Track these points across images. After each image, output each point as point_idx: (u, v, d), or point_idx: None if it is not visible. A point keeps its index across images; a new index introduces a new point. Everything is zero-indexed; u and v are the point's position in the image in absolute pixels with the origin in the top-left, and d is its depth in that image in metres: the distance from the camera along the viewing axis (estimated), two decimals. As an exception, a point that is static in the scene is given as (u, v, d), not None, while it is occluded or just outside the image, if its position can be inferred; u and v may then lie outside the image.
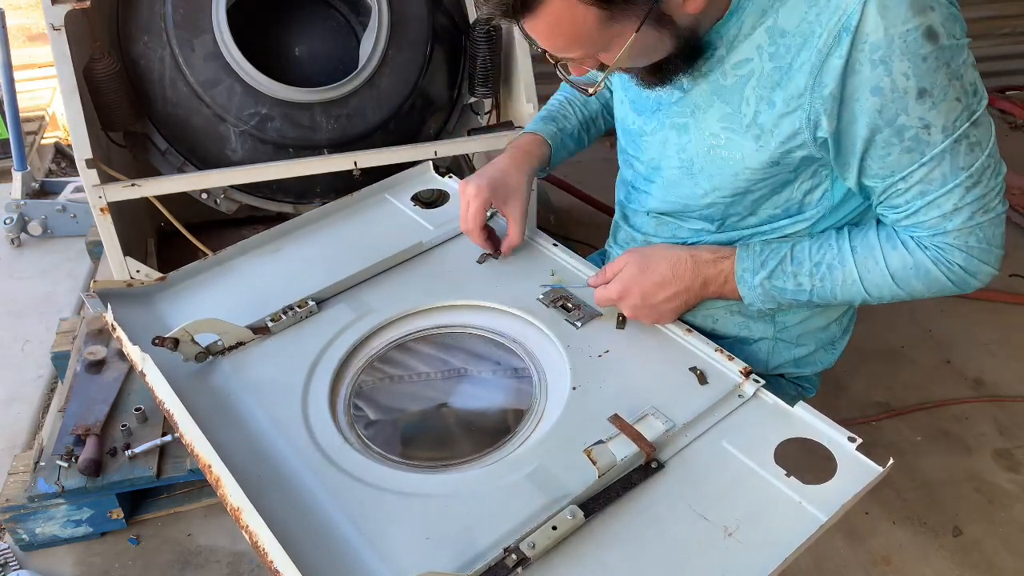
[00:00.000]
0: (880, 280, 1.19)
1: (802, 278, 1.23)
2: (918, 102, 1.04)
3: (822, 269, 1.22)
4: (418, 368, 1.35)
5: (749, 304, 1.29)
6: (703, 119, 1.20)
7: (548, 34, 1.07)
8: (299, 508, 1.06)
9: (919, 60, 1.01)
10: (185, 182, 2.21)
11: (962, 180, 1.08)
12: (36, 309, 2.92)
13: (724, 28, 1.13)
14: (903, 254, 1.17)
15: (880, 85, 1.03)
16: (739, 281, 1.27)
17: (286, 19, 2.50)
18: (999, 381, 2.70)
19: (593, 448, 1.06)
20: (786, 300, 1.26)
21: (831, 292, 1.23)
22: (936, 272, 1.16)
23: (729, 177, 1.22)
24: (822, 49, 1.04)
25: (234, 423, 1.19)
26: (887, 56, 1.01)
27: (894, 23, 1.00)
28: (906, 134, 1.06)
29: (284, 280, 1.45)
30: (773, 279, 1.24)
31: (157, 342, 1.24)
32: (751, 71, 1.13)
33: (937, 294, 1.20)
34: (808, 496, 1.03)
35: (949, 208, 1.10)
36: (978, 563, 2.11)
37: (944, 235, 1.13)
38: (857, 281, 1.21)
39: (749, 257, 1.26)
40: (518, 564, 0.95)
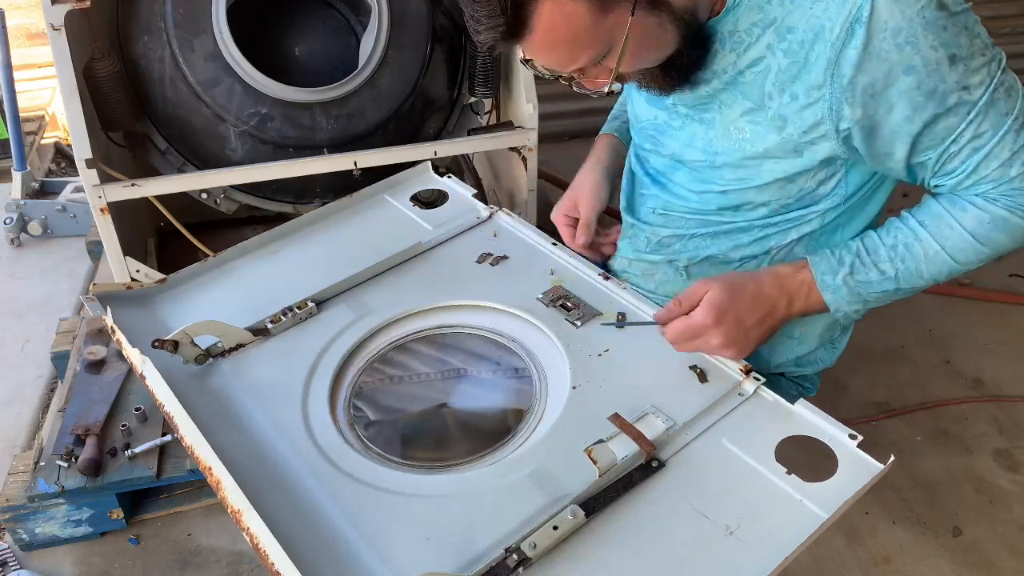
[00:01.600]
0: (962, 243, 1.19)
1: (883, 264, 1.22)
2: (952, 69, 1.06)
3: (900, 250, 1.22)
4: (418, 369, 1.34)
5: (835, 311, 1.26)
6: (728, 114, 1.22)
7: (548, 45, 1.07)
8: (300, 509, 1.05)
9: (941, 31, 1.04)
10: (185, 182, 2.21)
11: (1010, 124, 1.10)
12: (36, 309, 2.92)
13: (720, 24, 1.16)
14: (976, 212, 1.17)
15: (912, 64, 1.05)
16: (821, 286, 1.24)
17: (286, 19, 2.51)
18: (999, 381, 2.70)
19: (593, 447, 1.06)
20: (873, 294, 1.24)
21: (916, 271, 1.22)
22: (1015, 219, 1.16)
23: (753, 169, 1.23)
24: (835, 43, 1.06)
25: (234, 425, 1.19)
26: (911, 36, 1.04)
27: (907, 4, 1.03)
28: (948, 100, 1.08)
29: (283, 281, 1.45)
30: (855, 274, 1.23)
31: (157, 345, 1.23)
32: (767, 67, 1.14)
33: (1020, 240, 1.20)
34: (809, 494, 1.03)
35: (1007, 155, 1.12)
36: (978, 563, 2.11)
37: (1010, 182, 1.14)
38: (940, 251, 1.20)
39: (823, 261, 1.25)
40: (519, 564, 0.94)
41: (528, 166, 2.44)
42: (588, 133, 4.07)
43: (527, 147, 2.41)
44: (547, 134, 3.15)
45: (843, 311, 1.26)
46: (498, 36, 1.06)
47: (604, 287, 1.41)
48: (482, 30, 1.06)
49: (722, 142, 1.24)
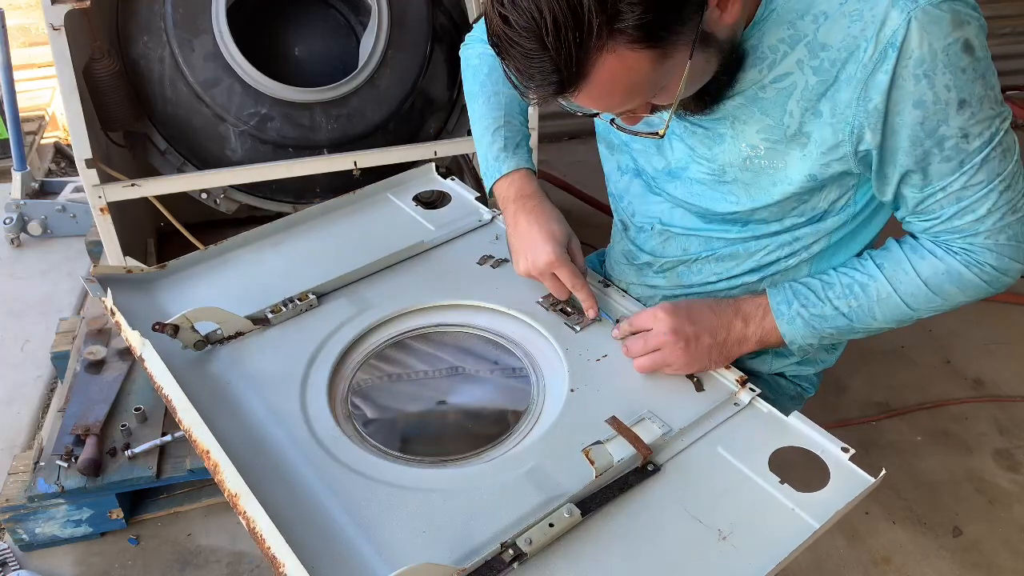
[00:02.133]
0: (915, 289, 1.19)
1: (837, 301, 1.22)
2: (958, 113, 1.05)
3: (855, 289, 1.22)
4: (416, 366, 1.35)
5: (791, 342, 1.25)
6: (742, 130, 1.19)
7: (604, 95, 1.02)
8: (296, 497, 1.05)
9: (959, 72, 1.03)
10: (185, 182, 2.21)
11: (996, 184, 1.10)
12: (36, 309, 2.93)
13: (748, 35, 1.12)
14: (933, 261, 1.18)
15: (923, 99, 1.04)
16: (776, 314, 1.24)
17: (286, 19, 2.51)
18: (999, 381, 2.70)
19: (591, 448, 1.06)
20: (827, 329, 1.24)
21: (869, 311, 1.21)
22: (969, 274, 1.16)
23: (766, 186, 1.21)
24: (867, 64, 1.04)
25: (232, 412, 1.19)
26: (931, 70, 1.03)
27: (937, 37, 1.01)
28: (946, 144, 1.07)
29: (284, 273, 1.45)
30: (809, 307, 1.23)
31: (157, 328, 1.23)
32: (793, 84, 1.12)
33: (973, 298, 1.20)
34: (801, 503, 1.04)
35: (983, 212, 1.12)
36: (978, 563, 2.11)
37: (975, 236, 1.14)
38: (893, 294, 1.20)
39: (779, 292, 1.25)
40: (514, 559, 0.95)
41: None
42: (588, 133, 4.09)
43: (527, 147, 2.40)
44: (547, 134, 3.16)
45: (798, 343, 1.25)
46: (550, 92, 0.99)
47: (604, 294, 1.41)
48: (533, 87, 0.98)
49: (731, 156, 1.21)
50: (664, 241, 1.38)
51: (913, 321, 1.24)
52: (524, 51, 0.94)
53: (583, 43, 0.92)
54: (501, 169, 1.44)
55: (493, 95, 1.49)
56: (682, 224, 1.35)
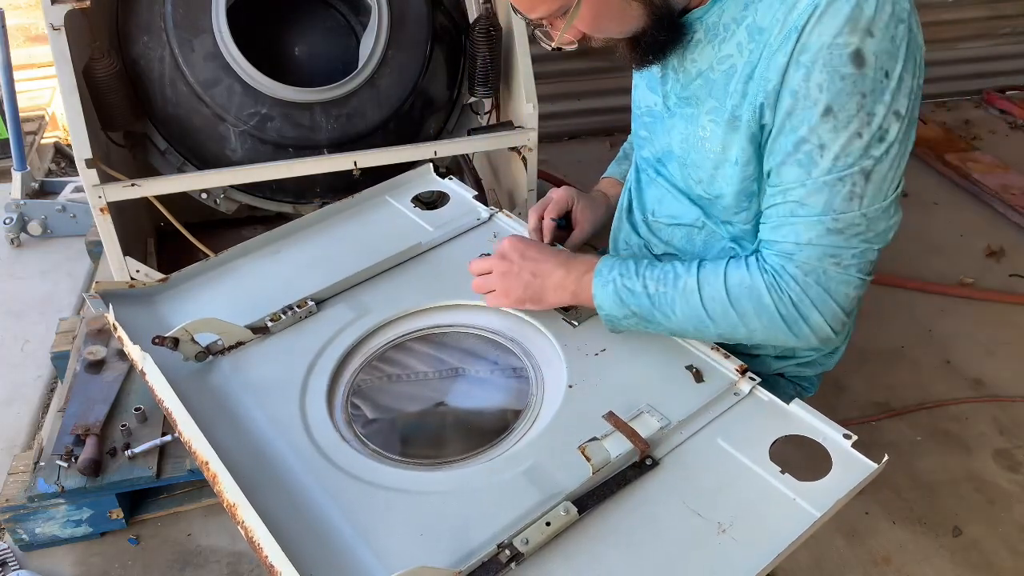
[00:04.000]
0: (716, 294, 1.17)
1: (649, 282, 1.21)
2: (822, 119, 1.04)
3: (669, 276, 1.20)
4: (416, 367, 1.35)
5: (599, 306, 1.25)
6: (699, 111, 1.21)
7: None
8: (295, 504, 1.06)
9: (837, 78, 1.01)
10: (185, 182, 2.22)
11: (826, 219, 1.08)
12: (36, 309, 2.93)
13: (706, 15, 1.15)
14: (743, 273, 1.16)
15: (796, 88, 1.04)
16: (596, 274, 1.25)
17: (286, 19, 2.51)
18: (999, 381, 2.70)
19: (587, 445, 1.06)
20: (632, 306, 1.22)
21: (671, 301, 1.19)
22: (767, 298, 1.14)
23: (710, 170, 1.22)
24: (772, 44, 1.05)
25: (233, 422, 1.20)
26: (811, 62, 1.02)
27: (827, 33, 1.00)
28: (802, 147, 1.06)
29: (284, 281, 1.46)
30: (625, 279, 1.22)
31: (157, 341, 1.24)
32: (733, 66, 1.14)
33: (770, 331, 1.16)
34: (802, 493, 1.03)
35: (803, 239, 1.10)
36: (978, 563, 2.11)
37: (788, 260, 1.12)
38: (695, 291, 1.17)
39: (614, 258, 1.27)
40: (512, 560, 0.95)
41: (528, 166, 2.44)
42: (588, 133, 4.12)
43: (527, 147, 2.41)
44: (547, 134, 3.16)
45: (605, 310, 1.24)
46: None
47: None
48: None
49: (692, 138, 1.24)
50: (652, 233, 1.42)
51: (711, 337, 1.22)
52: None
53: None
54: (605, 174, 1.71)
55: None
56: (668, 213, 1.38)
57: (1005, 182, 3.62)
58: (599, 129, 4.11)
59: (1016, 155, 3.86)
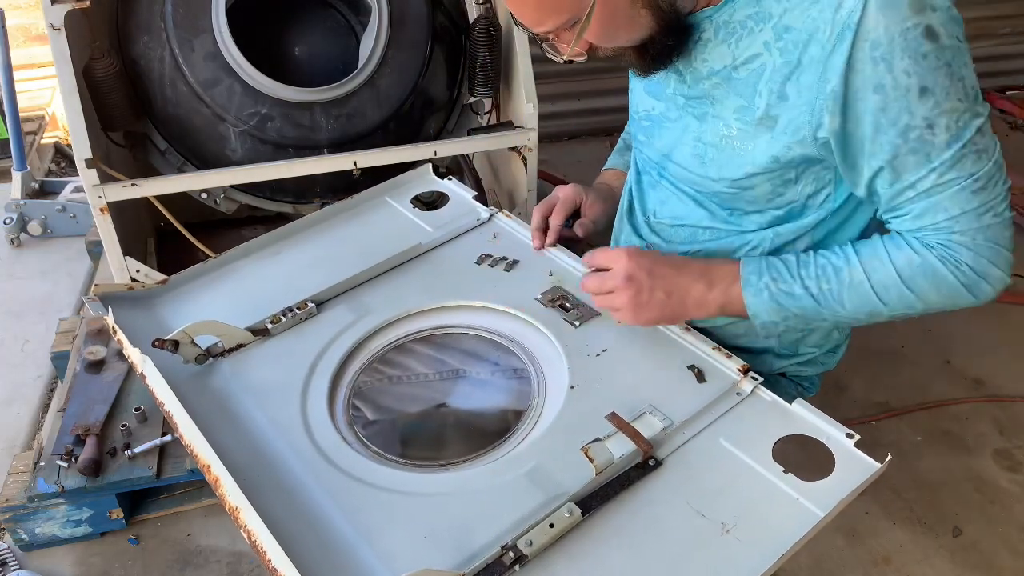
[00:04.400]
0: (888, 280, 1.15)
1: (808, 281, 1.19)
2: (920, 100, 1.03)
3: (828, 271, 1.18)
4: (417, 369, 1.34)
5: (754, 315, 1.21)
6: (720, 110, 1.20)
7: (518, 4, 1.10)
8: (297, 507, 1.06)
9: (919, 58, 1.01)
10: (185, 182, 2.21)
11: (968, 184, 1.08)
12: (36, 309, 2.93)
13: (716, 14, 1.15)
14: (909, 253, 1.14)
15: (882, 83, 1.03)
16: (744, 283, 1.21)
17: (286, 19, 2.51)
18: (999, 381, 2.70)
19: (590, 446, 1.06)
20: (793, 308, 1.20)
21: (838, 296, 1.18)
22: (944, 271, 1.13)
23: (736, 168, 1.22)
24: (826, 46, 1.04)
25: (233, 424, 1.19)
26: (888, 54, 1.01)
27: (894, 20, 1.00)
28: (911, 135, 1.05)
29: (284, 282, 1.46)
30: (779, 282, 1.19)
31: (157, 344, 1.24)
32: (763, 65, 1.13)
33: (949, 299, 1.16)
34: (806, 492, 1.03)
35: (956, 212, 1.09)
36: (978, 563, 2.11)
37: (951, 234, 1.12)
38: (865, 281, 1.16)
39: (753, 262, 1.22)
40: (515, 562, 0.95)
41: (528, 166, 2.44)
42: (588, 133, 4.12)
43: (527, 147, 2.41)
44: (547, 134, 3.16)
45: (762, 319, 1.22)
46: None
47: None
48: None
49: (711, 136, 1.23)
50: (653, 234, 1.41)
51: (884, 319, 1.20)
52: None
53: None
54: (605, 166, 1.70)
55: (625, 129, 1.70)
56: (671, 215, 1.37)
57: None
58: (599, 129, 4.11)
59: (1016, 155, 3.84)
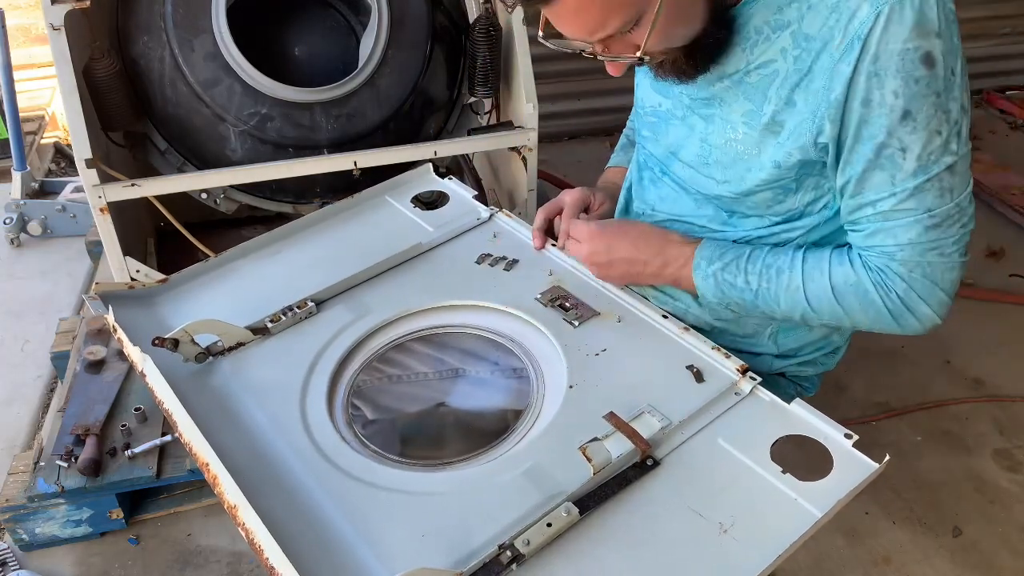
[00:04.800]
0: (821, 292, 1.20)
1: (751, 276, 1.25)
2: (901, 123, 1.05)
3: (771, 271, 1.24)
4: (416, 368, 1.35)
5: (701, 296, 1.30)
6: (728, 113, 1.21)
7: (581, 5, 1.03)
8: (296, 506, 1.06)
9: (912, 81, 1.02)
10: (185, 182, 2.21)
11: (923, 218, 1.10)
12: (36, 309, 2.93)
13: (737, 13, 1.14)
14: (847, 270, 1.18)
15: (870, 98, 1.05)
16: (695, 267, 1.28)
17: (286, 19, 2.51)
18: (999, 381, 2.70)
19: (588, 445, 1.06)
20: (734, 298, 1.27)
21: (775, 296, 1.24)
22: (874, 294, 1.17)
23: (741, 171, 1.22)
24: (834, 54, 1.05)
25: (233, 423, 1.19)
26: (883, 70, 1.03)
27: (896, 39, 1.01)
28: (883, 152, 1.07)
29: (284, 281, 1.46)
30: (725, 272, 1.26)
31: (157, 342, 1.24)
32: (775, 71, 1.13)
33: (875, 322, 1.20)
34: (804, 493, 1.03)
35: (904, 240, 1.12)
36: (978, 563, 2.11)
37: (891, 260, 1.14)
38: (800, 288, 1.21)
39: (710, 247, 1.28)
40: (513, 561, 0.95)
41: (528, 166, 2.44)
42: (588, 133, 4.12)
43: (527, 147, 2.41)
44: (547, 134, 3.16)
45: (707, 300, 1.31)
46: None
47: (602, 287, 1.41)
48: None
49: (717, 138, 1.24)
50: None
51: (816, 323, 1.27)
52: None
53: None
54: (609, 163, 1.72)
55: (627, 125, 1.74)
56: (670, 211, 1.38)
57: (1005, 182, 3.62)
58: (599, 129, 4.12)
59: (1016, 155, 3.85)
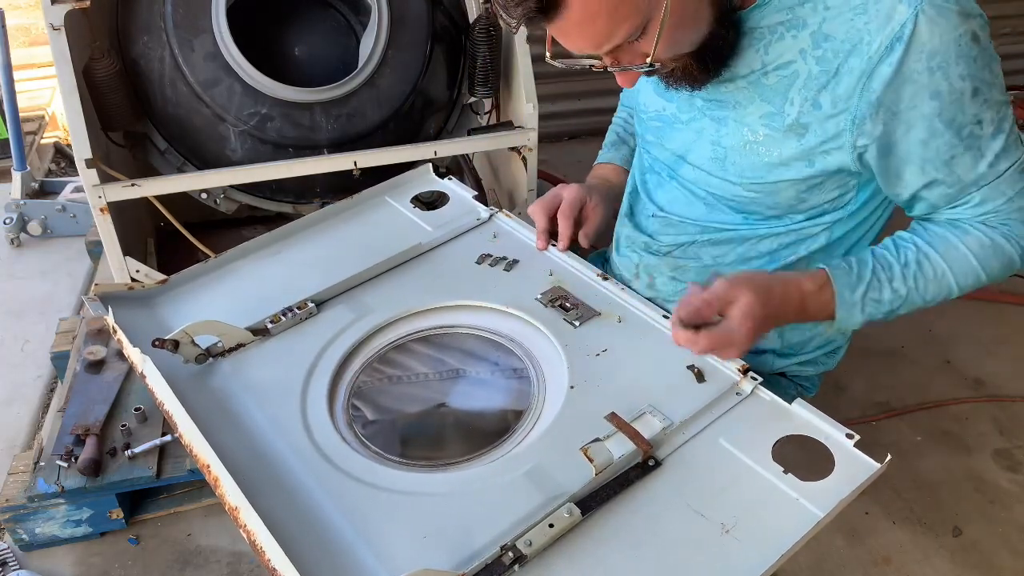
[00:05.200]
0: (966, 266, 1.20)
1: (897, 283, 1.21)
2: (973, 100, 1.08)
3: (912, 268, 1.21)
4: (417, 368, 1.34)
5: (839, 327, 1.26)
6: (743, 114, 1.20)
7: (586, 19, 1.01)
8: (297, 507, 1.06)
9: (971, 61, 1.06)
10: (185, 182, 2.21)
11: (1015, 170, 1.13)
12: (36, 309, 2.93)
13: (747, 18, 1.14)
14: (978, 236, 1.19)
15: (939, 89, 1.07)
16: (839, 303, 1.21)
17: (286, 19, 2.51)
18: (999, 381, 2.70)
19: (590, 446, 1.06)
20: (881, 313, 1.23)
21: (923, 291, 1.21)
22: (1008, 248, 1.18)
23: (762, 171, 1.22)
24: (873, 56, 1.07)
25: (233, 424, 1.19)
26: (944, 62, 1.05)
27: (947, 29, 1.04)
28: (963, 132, 1.10)
29: (284, 282, 1.46)
30: (870, 291, 1.21)
31: (157, 344, 1.24)
32: (795, 72, 1.13)
33: (1007, 271, 1.21)
34: (805, 493, 1.03)
35: (1011, 192, 1.15)
36: (978, 563, 2.11)
37: (1008, 214, 1.17)
38: (947, 272, 1.20)
39: (843, 275, 1.21)
40: (515, 562, 0.95)
41: (528, 166, 2.44)
42: (588, 133, 4.12)
43: (527, 147, 2.41)
44: (547, 134, 3.16)
45: (843, 326, 1.26)
46: (531, 10, 0.98)
47: (603, 288, 1.40)
48: (512, 6, 0.99)
49: (732, 140, 1.23)
50: (663, 226, 1.40)
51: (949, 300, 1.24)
52: None
53: None
54: (599, 159, 1.66)
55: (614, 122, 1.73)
56: (681, 213, 1.37)
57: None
58: (599, 129, 4.06)
59: (1016, 155, 3.85)
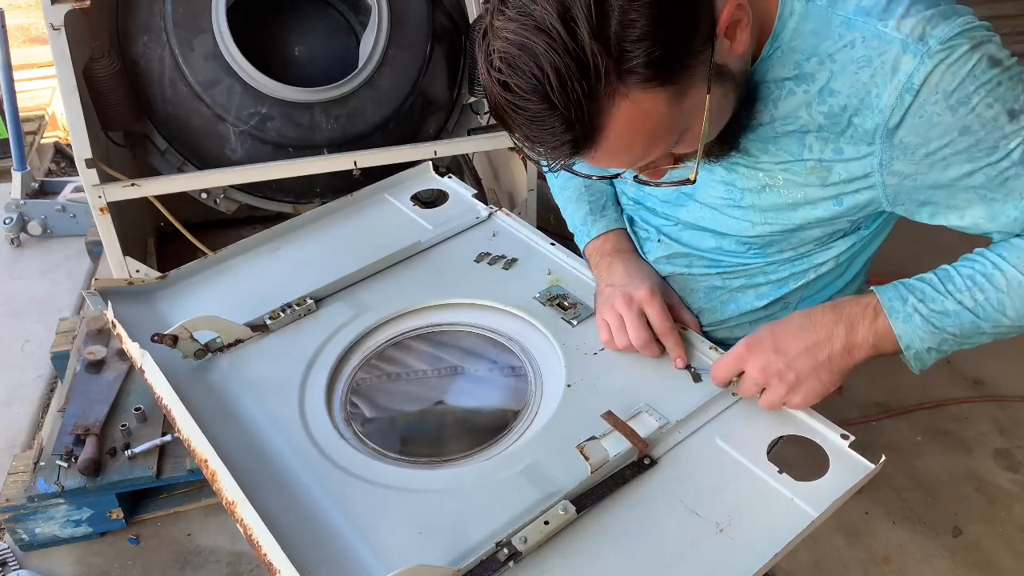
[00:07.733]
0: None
1: (960, 294, 1.08)
2: (1012, 123, 1.01)
3: (978, 279, 1.09)
4: (415, 366, 1.35)
5: (907, 345, 1.10)
6: (756, 162, 1.15)
7: (624, 147, 0.95)
8: (294, 502, 1.06)
9: (995, 87, 1.00)
10: (185, 182, 2.22)
11: None
12: (36, 309, 2.93)
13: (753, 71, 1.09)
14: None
15: (967, 124, 1.01)
16: (889, 312, 1.09)
17: (286, 19, 2.51)
18: (999, 381, 2.70)
19: (586, 444, 1.06)
20: (951, 328, 1.08)
21: (999, 303, 1.07)
22: None
23: (786, 212, 1.17)
24: (884, 110, 1.01)
25: (232, 419, 1.19)
26: (964, 97, 0.99)
27: (959, 66, 0.98)
28: (1015, 155, 1.02)
29: (283, 278, 1.46)
30: (928, 302, 1.09)
31: (156, 339, 1.24)
32: (805, 124, 1.09)
33: None
34: (800, 493, 1.03)
35: None
36: (978, 563, 2.11)
37: None
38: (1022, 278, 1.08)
39: (887, 289, 1.12)
40: (510, 558, 0.95)
41: (528, 166, 2.44)
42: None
43: (527, 147, 2.40)
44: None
45: (915, 347, 1.10)
46: (566, 153, 0.91)
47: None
48: (547, 150, 0.91)
49: (748, 184, 1.18)
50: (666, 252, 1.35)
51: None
52: (531, 114, 0.87)
53: (592, 92, 0.86)
54: (591, 232, 1.40)
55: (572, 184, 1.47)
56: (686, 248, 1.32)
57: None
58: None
59: (1016, 155, 3.84)
